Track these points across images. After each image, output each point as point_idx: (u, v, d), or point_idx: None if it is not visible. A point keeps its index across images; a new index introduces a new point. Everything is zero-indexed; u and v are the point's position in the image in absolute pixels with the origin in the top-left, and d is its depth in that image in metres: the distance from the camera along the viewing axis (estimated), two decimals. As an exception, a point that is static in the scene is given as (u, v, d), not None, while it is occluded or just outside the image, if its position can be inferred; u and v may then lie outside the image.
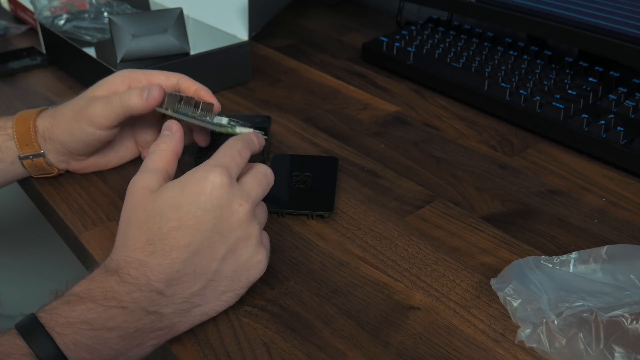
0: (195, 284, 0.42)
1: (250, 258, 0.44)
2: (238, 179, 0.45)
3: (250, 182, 0.45)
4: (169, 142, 0.47)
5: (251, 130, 0.53)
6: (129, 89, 0.54)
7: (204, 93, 0.56)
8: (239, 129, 0.53)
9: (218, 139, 0.61)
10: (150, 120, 0.59)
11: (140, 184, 0.44)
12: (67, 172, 0.60)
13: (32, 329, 0.38)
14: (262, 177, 0.46)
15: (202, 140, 0.59)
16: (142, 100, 0.52)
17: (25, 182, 0.62)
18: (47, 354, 0.37)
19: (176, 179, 0.44)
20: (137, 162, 0.62)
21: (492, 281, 0.47)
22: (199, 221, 0.42)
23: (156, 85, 0.53)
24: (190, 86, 0.57)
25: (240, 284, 0.44)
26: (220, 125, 0.53)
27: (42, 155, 0.56)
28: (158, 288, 0.40)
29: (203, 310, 0.43)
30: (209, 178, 0.42)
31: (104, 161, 0.60)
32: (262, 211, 0.47)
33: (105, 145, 0.58)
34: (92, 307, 0.39)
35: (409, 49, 0.82)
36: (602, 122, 0.63)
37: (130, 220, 0.43)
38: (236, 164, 0.45)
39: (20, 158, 0.56)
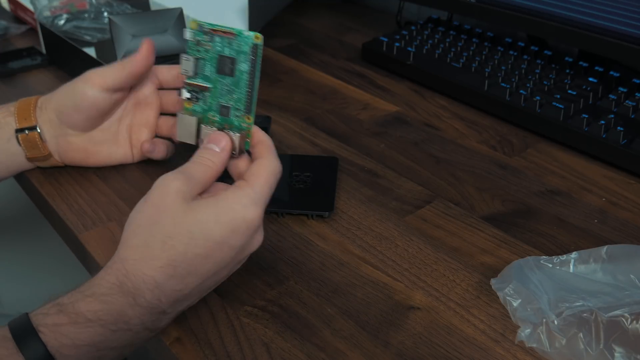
0: (193, 301, 0.43)
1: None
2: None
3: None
4: (215, 159, 0.44)
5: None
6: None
7: None
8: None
9: None
10: (147, 118, 0.59)
11: (176, 186, 0.41)
12: (67, 172, 0.61)
13: (32, 346, 0.37)
14: (276, 185, 0.45)
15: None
16: (133, 60, 0.54)
17: (25, 182, 0.62)
18: None
19: (213, 199, 0.42)
20: (137, 163, 0.62)
21: (492, 281, 0.47)
22: (223, 255, 0.41)
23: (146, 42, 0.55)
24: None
25: None
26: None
27: (36, 128, 0.56)
28: (164, 309, 0.41)
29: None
30: (247, 218, 0.41)
31: (93, 149, 0.59)
32: None
33: (99, 119, 0.57)
34: (101, 331, 0.39)
35: (409, 49, 0.82)
36: (602, 122, 0.63)
37: (155, 226, 0.40)
38: (271, 195, 0.44)
39: (16, 131, 0.56)
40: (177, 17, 0.72)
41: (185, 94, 0.47)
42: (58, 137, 0.57)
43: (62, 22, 0.82)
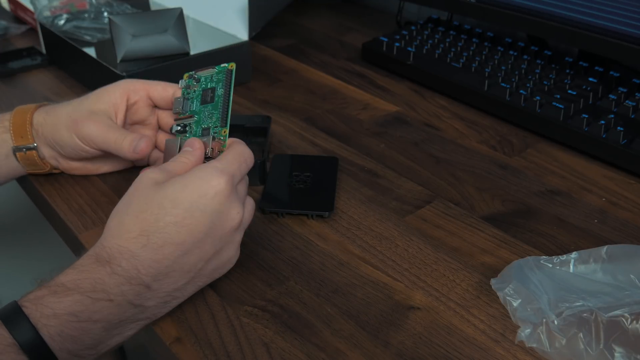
0: (180, 280, 0.43)
1: (230, 258, 0.46)
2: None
3: (243, 185, 0.47)
4: (190, 157, 0.48)
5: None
6: (125, 135, 0.53)
7: None
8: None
9: None
10: (144, 132, 0.58)
11: (148, 174, 0.44)
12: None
13: (16, 319, 0.38)
14: (245, 167, 0.47)
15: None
16: (130, 151, 0.53)
17: (25, 182, 0.62)
18: (32, 345, 0.38)
19: (182, 175, 0.44)
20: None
21: (492, 281, 0.47)
22: (196, 222, 0.42)
23: (145, 138, 0.53)
24: None
25: (213, 278, 0.46)
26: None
27: (35, 148, 0.56)
28: (146, 282, 0.41)
29: (179, 301, 0.45)
30: (212, 183, 0.43)
31: (93, 167, 0.60)
32: (250, 207, 0.48)
33: (93, 154, 0.56)
34: (80, 299, 0.39)
35: (409, 49, 0.82)
36: (602, 122, 0.63)
37: (129, 206, 0.43)
38: (240, 172, 0.46)
39: (14, 150, 0.56)
40: (177, 17, 0.72)
41: (176, 128, 0.52)
42: (57, 157, 0.58)
43: (62, 22, 0.82)
